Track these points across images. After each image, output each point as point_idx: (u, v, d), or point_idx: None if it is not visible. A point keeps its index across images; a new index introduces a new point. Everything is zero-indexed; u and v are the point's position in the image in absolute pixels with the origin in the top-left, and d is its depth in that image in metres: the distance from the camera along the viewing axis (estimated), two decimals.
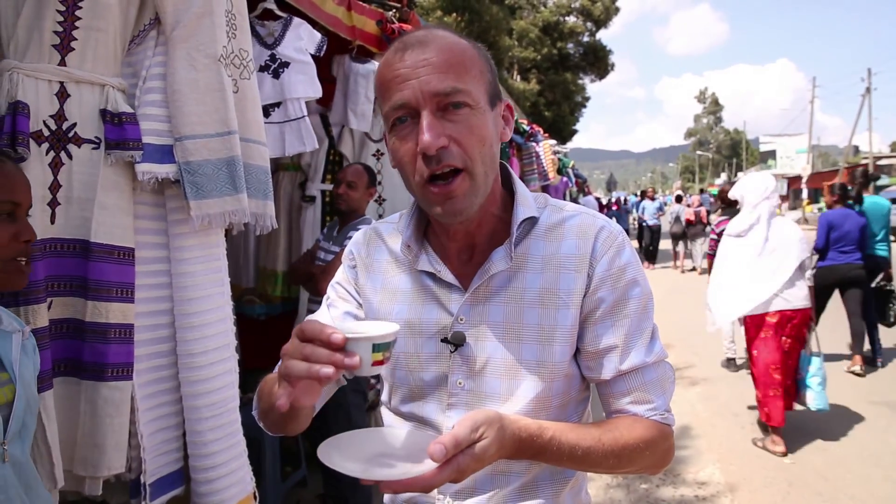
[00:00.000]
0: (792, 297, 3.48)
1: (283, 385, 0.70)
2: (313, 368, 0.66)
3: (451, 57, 0.81)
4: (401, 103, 0.81)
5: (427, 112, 0.80)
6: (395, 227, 1.00)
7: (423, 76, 0.79)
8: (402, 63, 0.81)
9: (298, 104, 2.43)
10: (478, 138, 0.82)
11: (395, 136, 0.84)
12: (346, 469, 0.70)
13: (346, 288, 1.02)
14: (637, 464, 0.88)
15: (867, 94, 30.30)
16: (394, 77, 0.81)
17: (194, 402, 1.66)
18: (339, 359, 0.67)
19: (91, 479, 1.52)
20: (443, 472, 0.69)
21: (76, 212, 1.51)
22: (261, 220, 1.82)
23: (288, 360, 0.69)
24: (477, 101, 0.82)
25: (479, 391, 0.90)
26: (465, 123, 0.81)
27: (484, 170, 0.84)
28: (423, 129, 0.79)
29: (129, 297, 1.56)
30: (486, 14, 18.37)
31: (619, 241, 0.90)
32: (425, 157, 0.80)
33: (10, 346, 1.15)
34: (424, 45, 0.81)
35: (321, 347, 0.68)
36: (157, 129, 1.61)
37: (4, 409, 1.10)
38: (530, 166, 6.68)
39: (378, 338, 0.70)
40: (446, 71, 0.80)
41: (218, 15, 1.67)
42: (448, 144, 0.80)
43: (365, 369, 0.69)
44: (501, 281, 0.90)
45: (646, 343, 0.90)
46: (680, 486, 3.29)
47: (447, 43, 0.82)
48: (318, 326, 0.69)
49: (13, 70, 1.42)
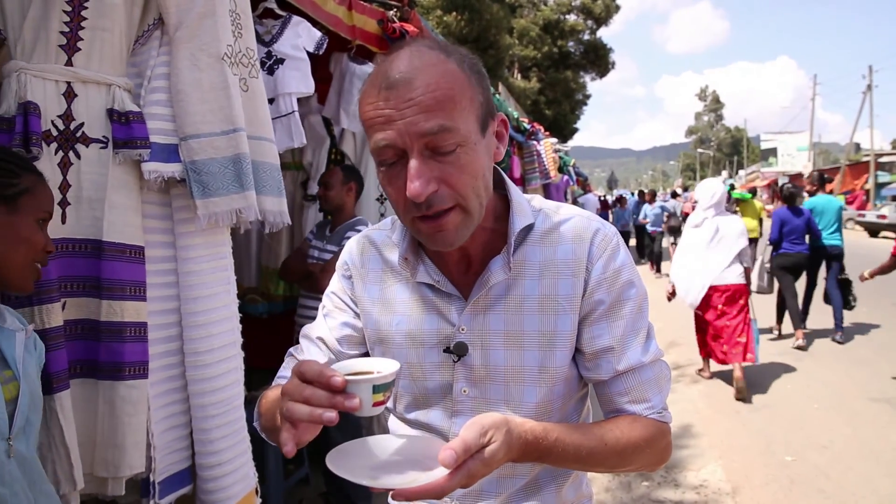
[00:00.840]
0: (729, 275, 4.62)
1: (286, 427, 0.71)
2: (315, 413, 0.67)
3: (438, 94, 0.76)
4: (385, 144, 0.77)
5: (415, 155, 0.76)
6: (388, 236, 0.99)
7: (409, 117, 0.75)
8: (386, 103, 0.76)
9: (290, 99, 2.42)
10: (469, 175, 0.79)
11: (383, 172, 0.81)
12: (357, 478, 0.70)
13: (341, 298, 1.02)
14: (637, 462, 0.90)
15: (868, 92, 30.25)
16: (377, 116, 0.77)
17: (201, 401, 1.67)
18: (339, 401, 0.67)
19: (113, 479, 1.51)
20: (454, 477, 0.70)
21: (87, 211, 1.52)
22: (275, 217, 1.82)
23: (289, 403, 0.69)
24: (467, 136, 0.78)
25: (484, 398, 0.91)
26: (456, 164, 0.78)
27: (478, 202, 0.82)
28: (412, 176, 0.76)
29: (141, 296, 1.56)
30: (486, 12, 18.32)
31: (613, 244, 0.91)
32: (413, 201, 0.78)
33: (14, 344, 1.17)
34: (409, 83, 0.75)
35: (321, 390, 0.68)
36: (163, 128, 1.62)
37: (10, 406, 1.12)
38: (531, 164, 6.69)
39: (378, 379, 0.70)
40: (434, 109, 0.75)
41: (221, 15, 1.68)
42: (438, 188, 0.78)
43: (366, 410, 0.70)
44: (501, 289, 0.90)
45: (642, 343, 0.91)
46: (682, 485, 3.30)
47: (434, 76, 0.76)
48: (318, 369, 0.69)
49: (21, 71, 1.43)
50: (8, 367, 1.14)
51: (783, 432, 3.94)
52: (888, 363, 5.31)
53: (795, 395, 4.65)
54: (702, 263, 4.65)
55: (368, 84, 0.81)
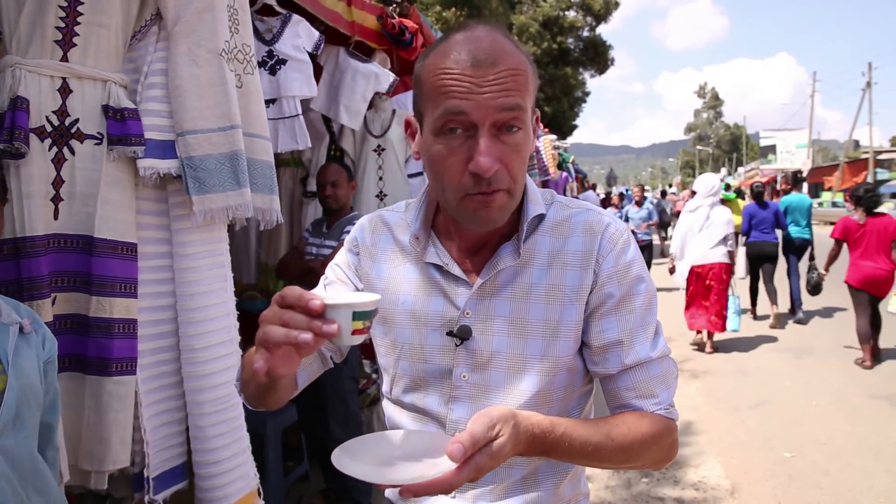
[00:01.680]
0: (714, 255, 5.50)
1: (260, 351, 0.69)
2: (291, 334, 0.65)
3: (519, 77, 0.80)
4: (459, 110, 0.79)
5: (485, 131, 0.79)
6: (402, 217, 1.00)
7: (490, 93, 0.78)
8: (467, 76, 0.78)
9: (294, 102, 2.42)
10: (522, 160, 0.84)
11: (443, 143, 0.82)
12: (365, 476, 0.69)
13: (344, 271, 1.02)
14: (643, 459, 0.89)
15: (868, 89, 30.25)
16: (456, 85, 0.79)
17: (197, 397, 1.67)
18: (317, 325, 0.65)
19: (97, 473, 1.52)
20: (462, 472, 0.69)
21: (79, 207, 1.51)
22: (266, 214, 1.83)
23: (266, 326, 0.68)
24: (526, 121, 0.83)
25: (483, 384, 0.90)
26: (515, 147, 0.82)
27: (519, 187, 0.86)
28: (482, 151, 0.78)
29: (132, 293, 1.56)
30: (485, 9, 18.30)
31: (624, 238, 0.91)
32: (475, 176, 0.80)
33: (7, 338, 1.16)
34: (496, 63, 0.79)
35: (300, 314, 0.66)
36: (159, 124, 1.61)
37: None
38: (531, 161, 6.68)
39: (358, 305, 0.67)
40: (513, 90, 0.79)
41: (219, 10, 1.67)
42: (499, 168, 0.81)
43: (344, 338, 0.67)
44: (508, 276, 0.90)
45: (650, 338, 0.90)
46: (681, 482, 3.30)
47: (516, 61, 0.81)
48: (298, 292, 0.67)
49: (15, 66, 1.42)
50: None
51: (782, 429, 3.95)
52: (887, 360, 5.32)
53: (794, 392, 4.66)
54: (692, 245, 5.61)
55: (441, 54, 0.82)
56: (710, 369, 5.33)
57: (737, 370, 5.29)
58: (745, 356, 5.72)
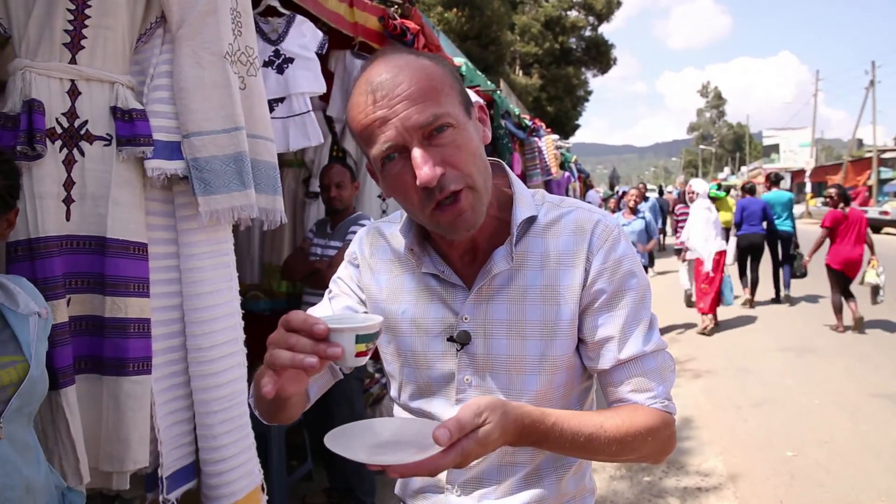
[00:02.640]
0: (715, 246, 6.43)
1: (268, 374, 0.72)
2: (297, 358, 0.68)
3: (422, 85, 0.80)
4: (388, 144, 0.80)
5: (416, 146, 0.80)
6: (397, 228, 1.02)
7: (402, 112, 0.79)
8: (375, 105, 0.80)
9: (303, 99, 2.43)
10: (468, 153, 0.83)
11: (387, 173, 0.84)
12: (354, 455, 0.71)
13: (347, 284, 1.05)
14: (639, 451, 0.90)
15: (871, 88, 30.12)
16: (372, 122, 0.81)
17: (204, 396, 1.69)
18: (321, 349, 0.68)
19: (118, 474, 1.54)
20: (447, 455, 0.71)
21: (91, 208, 1.53)
22: (270, 215, 1.84)
23: (273, 350, 0.71)
24: (457, 118, 0.83)
25: (486, 386, 0.92)
26: (453, 145, 0.82)
27: (482, 179, 0.85)
28: (419, 165, 0.79)
29: (145, 292, 1.58)
30: (487, 9, 18.27)
31: (614, 235, 0.92)
32: (426, 189, 0.81)
33: (28, 328, 1.21)
34: (393, 81, 0.80)
35: (305, 338, 0.69)
36: (166, 125, 1.63)
37: (10, 389, 1.15)
38: (533, 161, 6.69)
39: (361, 329, 0.71)
40: (423, 100, 0.79)
41: (223, 13, 1.69)
42: (445, 171, 0.81)
43: (348, 360, 0.71)
44: (504, 279, 0.92)
45: (643, 332, 0.91)
46: (683, 478, 3.31)
47: (413, 71, 0.81)
48: (303, 317, 0.70)
49: (25, 69, 1.44)
50: (20, 352, 1.18)
51: (784, 427, 3.96)
52: (888, 359, 5.32)
53: (796, 391, 4.66)
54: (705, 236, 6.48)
55: (354, 96, 0.84)
56: (713, 368, 5.34)
57: (739, 369, 5.29)
58: (746, 355, 5.73)
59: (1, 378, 1.13)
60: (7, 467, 1.13)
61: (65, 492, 1.33)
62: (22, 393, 1.16)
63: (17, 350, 1.18)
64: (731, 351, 5.91)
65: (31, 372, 1.18)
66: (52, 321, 1.34)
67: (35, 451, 1.23)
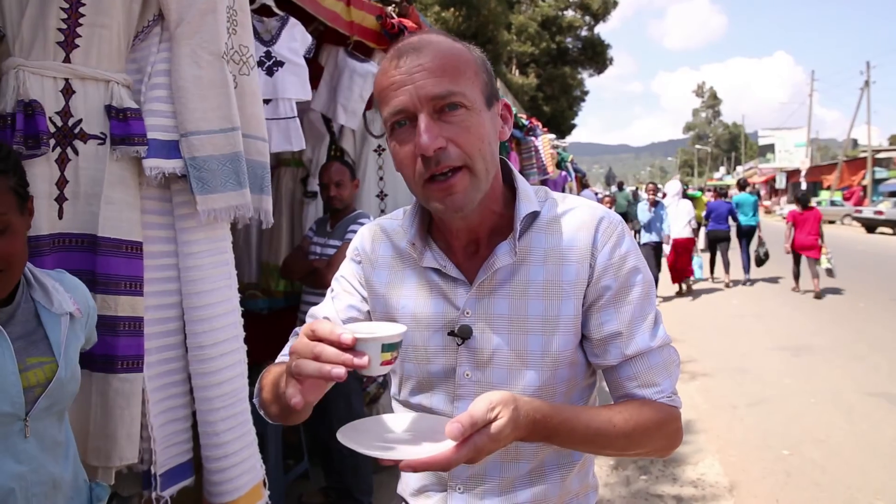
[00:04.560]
0: (685, 232, 8.67)
1: (292, 383, 0.73)
2: (324, 368, 0.68)
3: (445, 61, 0.82)
4: (398, 108, 0.83)
5: (424, 115, 0.81)
6: (399, 224, 1.02)
7: (419, 81, 0.81)
8: (397, 70, 0.83)
9: (289, 104, 2.43)
10: (476, 137, 0.84)
11: (395, 139, 0.86)
12: (367, 450, 0.71)
13: (350, 282, 1.04)
14: (647, 446, 0.90)
15: (866, 88, 30.27)
16: (390, 84, 0.83)
17: (206, 394, 1.69)
18: (348, 359, 0.69)
19: (104, 468, 1.54)
20: (460, 451, 0.71)
21: (83, 207, 1.53)
22: (259, 214, 1.85)
23: (298, 359, 0.71)
24: (472, 102, 0.84)
25: (486, 382, 0.92)
26: (462, 124, 0.83)
27: (484, 166, 0.86)
28: (421, 132, 0.81)
29: (137, 291, 1.57)
30: (484, 8, 18.27)
31: (619, 231, 0.92)
32: (424, 158, 0.82)
33: (59, 328, 1.22)
34: (419, 51, 0.83)
35: (331, 347, 0.69)
36: (164, 124, 1.63)
37: (38, 388, 1.16)
38: (529, 160, 6.69)
39: (386, 338, 0.72)
40: (441, 75, 0.81)
41: (221, 12, 1.68)
42: (446, 145, 0.82)
43: (374, 369, 0.72)
44: (505, 274, 0.92)
45: (649, 328, 0.91)
46: (679, 478, 3.32)
47: (442, 48, 0.84)
48: (329, 326, 0.71)
49: (19, 68, 1.43)
50: (50, 352, 1.19)
51: (780, 427, 3.97)
52: (885, 358, 5.35)
53: (792, 390, 4.68)
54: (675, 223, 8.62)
55: (384, 61, 0.87)
56: (709, 368, 5.35)
57: (735, 369, 5.31)
58: (743, 355, 5.74)
59: (28, 379, 1.14)
60: (34, 464, 1.14)
61: (92, 486, 1.34)
62: (49, 393, 1.16)
63: (47, 350, 1.19)
64: (727, 351, 5.92)
65: (60, 373, 1.18)
66: None
67: (64, 446, 1.24)
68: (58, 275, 1.30)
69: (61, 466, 1.22)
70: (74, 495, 1.25)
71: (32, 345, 1.18)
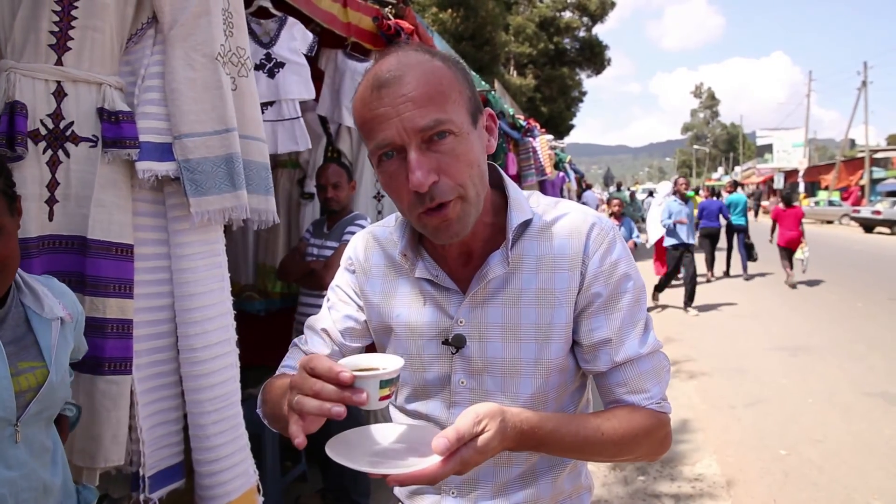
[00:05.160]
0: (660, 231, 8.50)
1: (294, 419, 0.73)
2: (324, 407, 0.69)
3: (429, 88, 0.79)
4: (386, 142, 0.80)
5: (413, 148, 0.79)
6: (391, 232, 1.01)
7: (405, 113, 0.78)
8: (380, 102, 0.80)
9: (293, 105, 2.43)
10: (465, 164, 0.82)
11: (383, 170, 0.84)
12: (355, 464, 0.72)
13: (345, 291, 1.05)
14: (636, 452, 0.90)
15: (863, 88, 30.33)
16: (374, 117, 0.80)
17: (197, 396, 1.68)
18: (347, 396, 0.70)
19: (88, 469, 1.54)
20: (447, 465, 0.71)
21: (74, 209, 1.52)
22: (262, 215, 1.84)
23: (299, 397, 0.71)
24: (460, 126, 0.82)
25: (481, 389, 0.92)
26: (452, 153, 0.81)
27: (475, 191, 0.85)
28: (413, 168, 0.79)
29: (127, 293, 1.57)
30: (481, 9, 18.28)
31: (610, 237, 0.92)
32: (417, 193, 0.81)
33: (50, 334, 1.21)
34: (400, 80, 0.79)
35: (330, 385, 0.70)
36: (157, 127, 1.62)
37: (29, 393, 1.15)
38: (527, 161, 6.69)
39: (384, 374, 0.73)
40: (426, 104, 0.79)
41: (215, 14, 1.68)
42: (438, 179, 0.80)
43: (373, 404, 0.72)
44: (498, 283, 0.92)
45: (639, 335, 0.91)
46: (677, 479, 3.32)
47: (423, 73, 0.80)
48: (327, 364, 0.71)
49: (10, 70, 1.43)
50: (40, 357, 1.18)
51: (777, 427, 3.97)
52: (882, 358, 5.35)
53: (790, 390, 4.68)
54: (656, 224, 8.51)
55: (361, 88, 0.84)
56: (706, 368, 5.35)
57: (732, 369, 5.31)
58: (740, 355, 5.75)
59: (20, 384, 1.13)
60: (24, 469, 1.14)
61: (80, 489, 1.34)
62: (40, 399, 1.16)
63: (38, 355, 1.18)
64: (725, 351, 5.93)
65: (51, 378, 1.18)
66: None
67: (52, 452, 1.23)
68: (45, 280, 1.30)
69: (51, 471, 1.21)
70: (64, 500, 1.25)
71: (24, 350, 1.18)
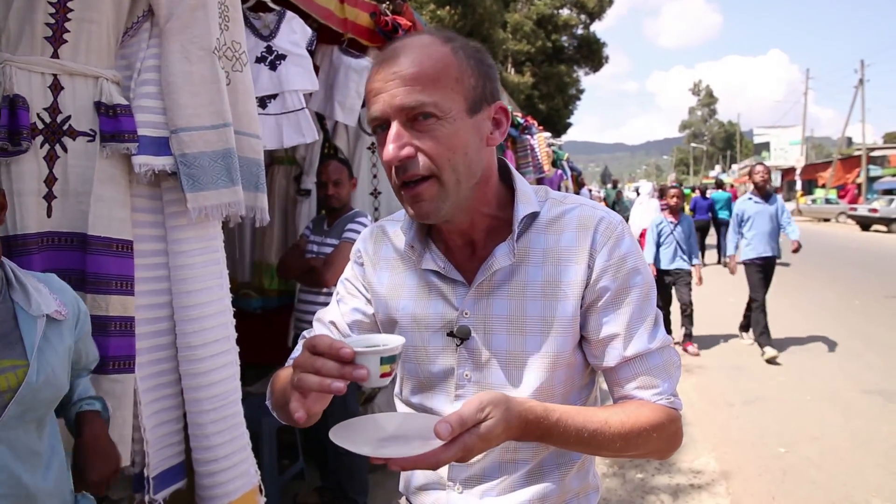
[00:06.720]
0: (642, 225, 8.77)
1: (296, 397, 0.74)
2: (325, 382, 0.70)
3: (420, 69, 0.81)
4: (374, 116, 0.85)
5: (395, 123, 0.82)
6: (400, 226, 1.02)
7: (392, 90, 0.82)
8: (377, 76, 0.84)
9: (297, 96, 2.42)
10: (446, 147, 0.83)
11: (379, 143, 0.88)
12: (358, 448, 0.72)
13: (354, 285, 1.05)
14: (644, 447, 0.89)
15: (860, 86, 30.40)
16: (370, 90, 0.85)
17: (196, 395, 1.67)
18: (348, 372, 0.70)
19: None
20: (448, 449, 0.71)
21: (73, 205, 1.50)
22: (253, 212, 1.83)
23: (300, 374, 0.72)
24: (447, 111, 0.82)
25: (485, 382, 0.92)
26: (433, 134, 0.82)
27: (455, 176, 0.85)
28: (388, 141, 0.83)
29: (128, 290, 1.55)
30: (479, 7, 18.25)
31: (618, 231, 0.91)
32: (395, 167, 0.84)
33: (35, 331, 1.17)
34: (397, 58, 0.82)
35: (331, 361, 0.71)
36: (153, 121, 1.61)
37: (7, 394, 1.10)
38: (525, 159, 6.69)
39: (385, 351, 0.73)
40: (413, 83, 0.81)
41: (211, 7, 1.66)
42: (414, 154, 0.83)
43: (373, 381, 0.73)
44: (504, 275, 0.91)
45: (648, 329, 0.91)
46: (675, 475, 3.32)
47: (420, 54, 0.82)
48: (328, 341, 0.72)
49: (6, 63, 1.41)
50: (24, 356, 1.13)
51: (776, 424, 3.97)
52: (880, 356, 5.36)
53: (788, 387, 4.69)
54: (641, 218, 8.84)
55: (373, 65, 0.88)
56: (705, 365, 5.36)
57: (731, 366, 5.32)
58: (738, 352, 5.76)
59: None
60: (3, 474, 1.09)
61: (78, 497, 1.29)
62: (20, 399, 1.10)
63: (21, 353, 1.14)
64: (723, 348, 5.94)
65: (30, 377, 1.12)
66: None
67: (42, 457, 1.18)
68: (45, 277, 1.27)
69: (38, 477, 1.15)
70: None
71: (8, 347, 1.13)
